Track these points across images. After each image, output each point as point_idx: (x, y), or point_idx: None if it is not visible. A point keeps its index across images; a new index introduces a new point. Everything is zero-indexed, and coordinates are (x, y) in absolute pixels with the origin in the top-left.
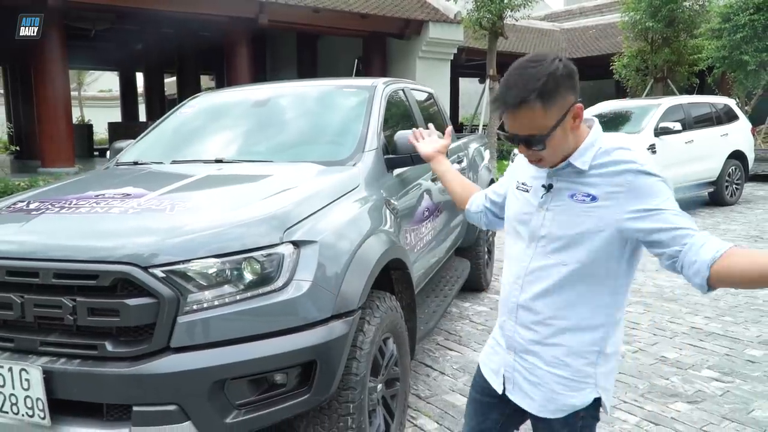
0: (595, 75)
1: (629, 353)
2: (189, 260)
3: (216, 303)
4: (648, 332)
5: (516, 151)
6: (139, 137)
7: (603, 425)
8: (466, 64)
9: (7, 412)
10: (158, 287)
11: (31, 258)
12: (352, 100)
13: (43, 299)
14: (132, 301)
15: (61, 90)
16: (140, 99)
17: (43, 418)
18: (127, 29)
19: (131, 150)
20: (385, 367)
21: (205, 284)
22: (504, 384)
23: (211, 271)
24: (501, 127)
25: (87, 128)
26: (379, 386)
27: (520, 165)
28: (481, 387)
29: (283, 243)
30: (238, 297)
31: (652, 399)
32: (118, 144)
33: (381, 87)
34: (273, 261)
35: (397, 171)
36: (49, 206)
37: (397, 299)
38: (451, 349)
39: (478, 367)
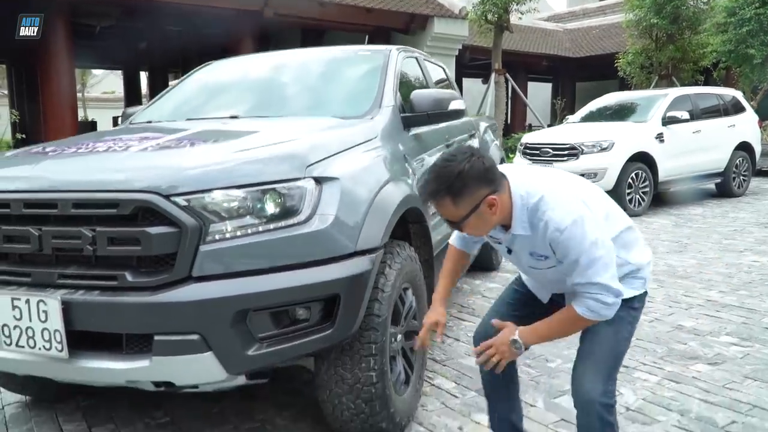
0: (599, 75)
1: (645, 322)
2: (211, 190)
3: (238, 233)
4: (663, 305)
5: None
6: (151, 101)
7: (624, 383)
8: (469, 63)
9: (23, 347)
10: (180, 215)
11: (49, 190)
12: (368, 61)
13: (61, 230)
14: (154, 230)
15: (66, 87)
16: (144, 100)
17: (61, 351)
18: (132, 27)
19: (143, 113)
20: (405, 317)
21: (227, 215)
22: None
23: (233, 201)
24: None
25: (91, 125)
26: (399, 336)
27: None
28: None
29: (305, 178)
30: (260, 228)
31: (671, 361)
32: (130, 110)
33: (395, 51)
34: (295, 194)
35: (414, 131)
36: (65, 148)
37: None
38: (464, 320)
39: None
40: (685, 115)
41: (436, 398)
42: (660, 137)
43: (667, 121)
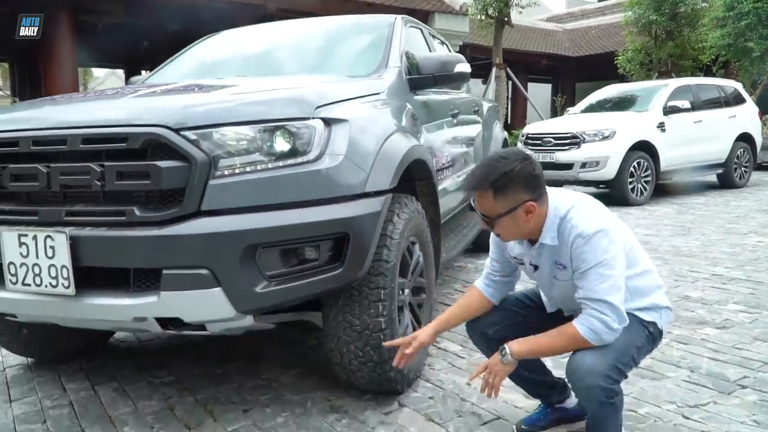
0: (598, 74)
1: None
2: (220, 125)
3: (248, 169)
4: (668, 279)
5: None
6: (156, 69)
7: None
8: (470, 62)
9: (29, 285)
10: (190, 149)
11: (58, 127)
12: (374, 27)
13: (70, 166)
14: (163, 164)
15: (69, 86)
16: None
17: (67, 287)
18: (135, 24)
19: (149, 78)
20: (413, 272)
21: (236, 150)
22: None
23: (242, 137)
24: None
25: None
26: (407, 290)
27: (504, 242)
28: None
29: (314, 118)
30: (270, 165)
31: (679, 326)
32: (134, 78)
33: (401, 19)
34: (304, 133)
35: (421, 96)
36: (73, 96)
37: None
38: None
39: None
40: (686, 105)
41: (443, 359)
42: (661, 126)
43: (669, 110)
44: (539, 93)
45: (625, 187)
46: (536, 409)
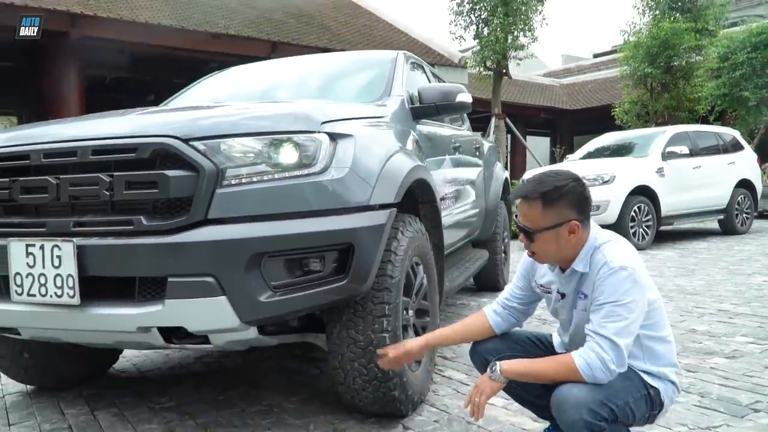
0: (596, 128)
1: None
2: (228, 136)
3: (254, 179)
4: (674, 314)
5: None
6: (166, 100)
7: None
8: (469, 117)
9: (34, 295)
10: (198, 158)
11: (69, 140)
12: (378, 60)
13: (79, 177)
14: (171, 173)
15: None
16: None
17: (72, 296)
18: (141, 79)
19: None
20: (417, 293)
21: (243, 161)
22: None
23: (249, 148)
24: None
25: None
26: (411, 311)
27: (534, 267)
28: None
29: (320, 132)
30: (276, 176)
31: (687, 356)
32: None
33: (402, 54)
34: (310, 146)
35: (423, 126)
36: (82, 116)
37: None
38: None
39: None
40: (685, 151)
41: (447, 386)
42: (660, 171)
43: (667, 155)
44: (538, 146)
45: (626, 232)
46: (545, 429)
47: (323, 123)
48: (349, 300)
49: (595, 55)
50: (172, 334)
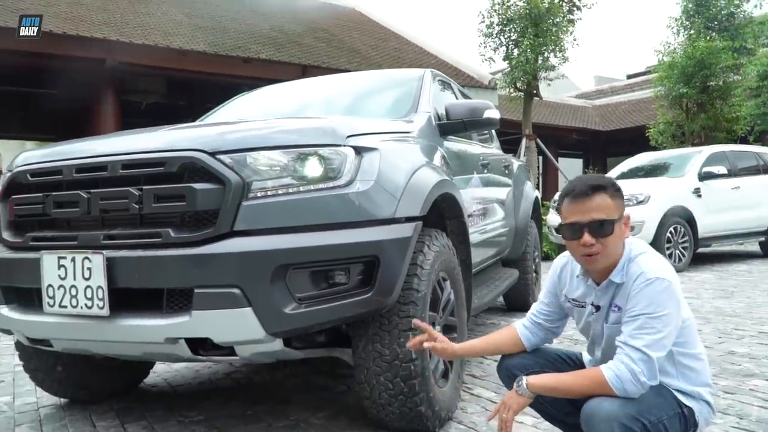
0: (630, 149)
1: None
2: (254, 149)
3: (280, 192)
4: (712, 336)
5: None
6: (196, 120)
7: None
8: (499, 138)
9: (65, 306)
10: (225, 172)
11: (100, 155)
12: (405, 78)
13: (109, 191)
14: (198, 186)
15: None
16: None
17: (102, 308)
18: (175, 104)
19: None
20: (444, 308)
21: (268, 174)
22: None
23: (275, 161)
24: (557, 229)
25: None
26: (438, 327)
27: (563, 282)
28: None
29: (344, 145)
30: (301, 188)
31: (725, 378)
32: None
33: (429, 72)
34: (335, 159)
35: (451, 143)
36: (114, 133)
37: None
38: None
39: None
40: (723, 171)
41: (476, 404)
42: (697, 192)
43: (704, 176)
44: (571, 168)
45: (662, 253)
46: None
47: (348, 137)
48: (374, 313)
49: (629, 76)
50: (199, 346)
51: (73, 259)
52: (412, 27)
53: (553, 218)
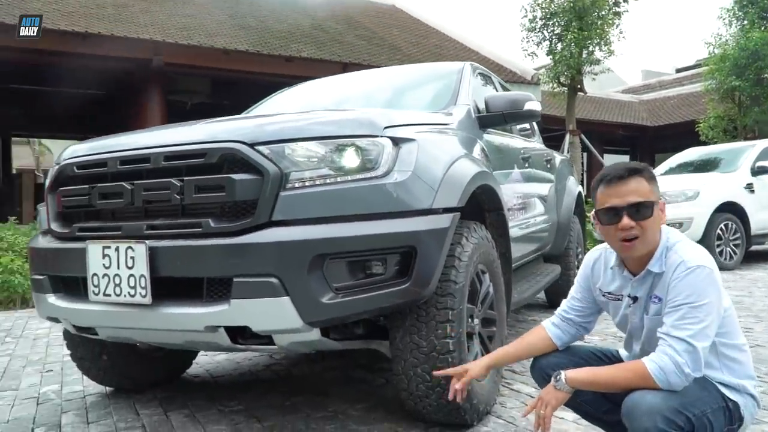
0: (678, 146)
1: None
2: (292, 140)
3: (318, 182)
4: (765, 334)
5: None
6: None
7: None
8: (542, 134)
9: (109, 295)
10: (263, 162)
11: (143, 147)
12: (445, 71)
13: (152, 182)
14: (237, 176)
15: None
16: None
17: (144, 296)
18: (219, 104)
19: None
20: (482, 301)
21: (306, 164)
22: None
23: (313, 152)
24: (596, 214)
25: None
26: (476, 320)
27: (596, 275)
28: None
29: (382, 136)
30: (339, 179)
31: None
32: None
33: (469, 65)
34: (372, 150)
35: (491, 136)
36: (159, 126)
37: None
38: None
39: None
40: None
41: (515, 399)
42: (750, 187)
43: (757, 171)
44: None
45: (712, 251)
46: None
47: (386, 128)
48: (411, 304)
49: (678, 70)
50: (238, 335)
51: (117, 249)
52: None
53: None
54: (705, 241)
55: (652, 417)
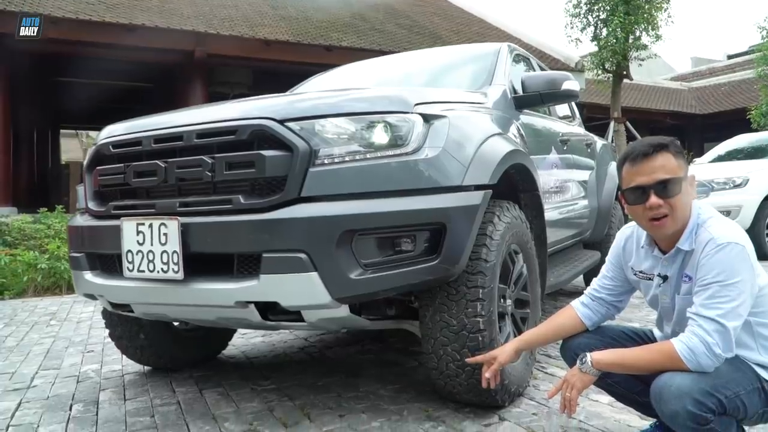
0: (728, 134)
1: None
2: (322, 116)
3: (347, 159)
4: None
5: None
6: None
7: None
8: (586, 122)
9: (143, 271)
10: (293, 139)
11: (176, 125)
12: (481, 52)
13: (184, 160)
14: (267, 153)
15: None
16: None
17: (177, 272)
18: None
19: None
20: (515, 282)
21: (336, 140)
22: None
23: (342, 128)
24: (622, 194)
25: None
26: (509, 300)
27: (628, 254)
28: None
29: (412, 113)
30: (368, 155)
31: None
32: None
33: (506, 45)
34: (402, 126)
35: (527, 117)
36: (193, 106)
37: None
38: None
39: None
40: None
41: (549, 382)
42: None
43: None
44: None
45: (761, 239)
46: (650, 426)
47: (417, 104)
48: (440, 281)
49: (729, 57)
50: (268, 310)
51: (150, 226)
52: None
53: None
54: (754, 229)
55: (681, 400)
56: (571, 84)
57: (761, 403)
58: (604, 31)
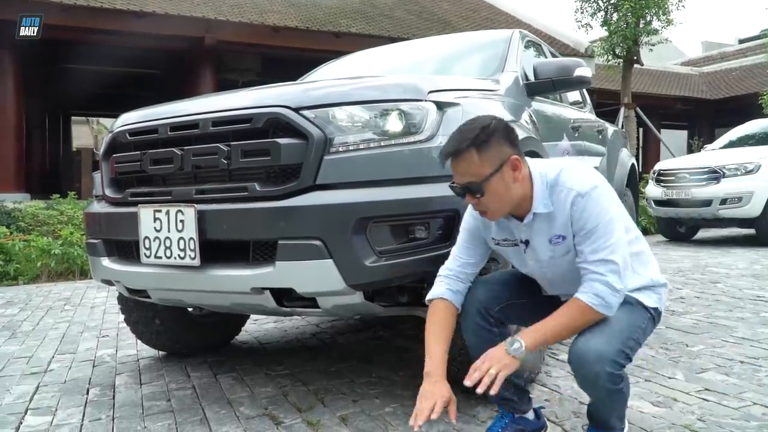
0: (740, 120)
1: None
2: (337, 104)
3: (361, 146)
4: None
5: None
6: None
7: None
8: (596, 109)
9: (160, 257)
10: (308, 126)
11: (192, 113)
12: (493, 38)
13: (200, 148)
14: (283, 141)
15: None
16: None
17: (194, 258)
18: (269, 81)
19: None
20: None
21: (351, 128)
22: None
23: (357, 116)
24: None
25: None
26: None
27: (485, 227)
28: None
29: (426, 101)
30: (382, 143)
31: None
32: None
33: (518, 32)
34: (416, 114)
35: (539, 104)
36: (208, 94)
37: None
38: None
39: None
40: None
41: (561, 369)
42: None
43: None
44: (674, 139)
45: None
46: (496, 417)
47: (430, 92)
48: None
49: (741, 41)
50: (284, 297)
51: (167, 212)
52: None
53: (652, 190)
54: (765, 216)
55: (602, 363)
56: (584, 70)
57: (652, 328)
58: (615, 16)
